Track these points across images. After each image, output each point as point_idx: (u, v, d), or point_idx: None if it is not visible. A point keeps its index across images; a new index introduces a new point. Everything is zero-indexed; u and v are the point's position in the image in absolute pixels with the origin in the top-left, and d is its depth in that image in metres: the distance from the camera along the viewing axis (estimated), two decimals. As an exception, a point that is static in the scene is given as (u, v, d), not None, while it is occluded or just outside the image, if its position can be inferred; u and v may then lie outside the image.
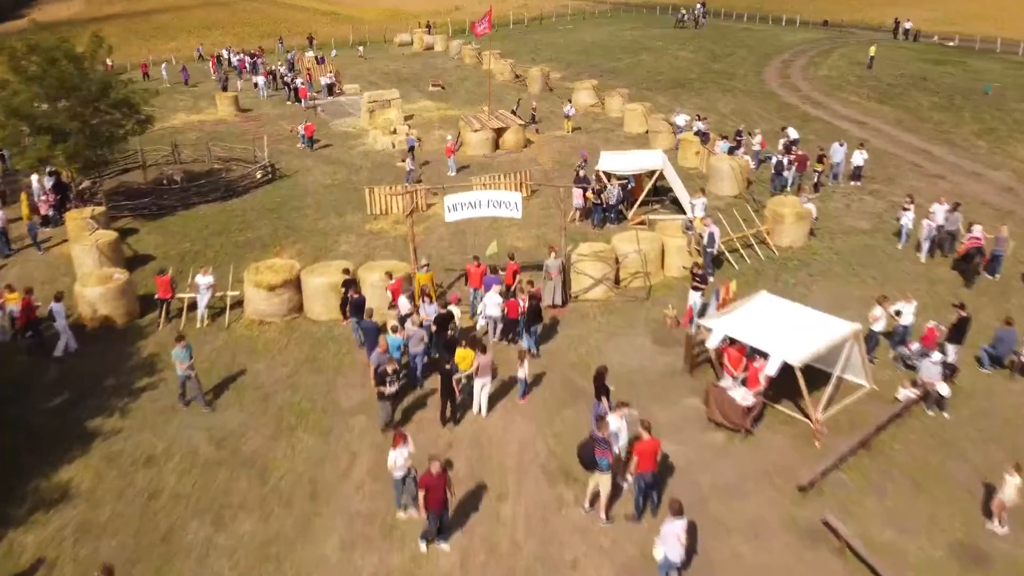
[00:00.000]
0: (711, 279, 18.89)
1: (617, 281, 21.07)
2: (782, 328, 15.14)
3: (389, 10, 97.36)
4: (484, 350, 15.40)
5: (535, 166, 32.98)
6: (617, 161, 26.41)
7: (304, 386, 17.34)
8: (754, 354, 14.95)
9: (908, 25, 63.96)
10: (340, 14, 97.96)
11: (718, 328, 15.59)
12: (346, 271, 19.25)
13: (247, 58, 58.88)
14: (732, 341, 15.45)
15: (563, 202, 22.78)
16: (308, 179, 32.52)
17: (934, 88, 43.97)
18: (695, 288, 18.44)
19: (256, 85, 49.56)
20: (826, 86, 46.14)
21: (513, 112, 38.49)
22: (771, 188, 28.15)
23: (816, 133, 35.42)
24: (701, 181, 29.60)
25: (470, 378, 15.50)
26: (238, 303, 20.95)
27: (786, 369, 14.56)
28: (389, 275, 19.10)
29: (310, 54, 58.73)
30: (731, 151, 29.62)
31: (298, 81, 47.61)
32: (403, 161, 33.58)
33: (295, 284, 20.22)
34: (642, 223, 25.56)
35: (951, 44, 59.68)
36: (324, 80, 48.40)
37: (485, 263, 19.52)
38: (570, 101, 38.86)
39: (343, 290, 18.94)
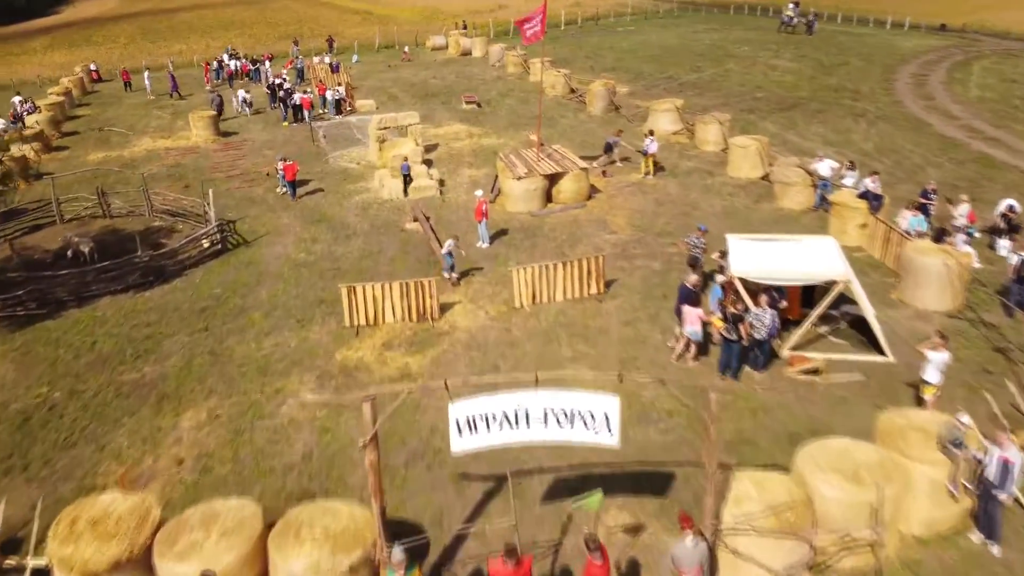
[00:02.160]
0: None
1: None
2: None
3: (427, 9, 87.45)
4: None
5: (606, 234, 22.28)
6: (763, 259, 15.48)
7: None
8: None
9: (1055, 29, 51.43)
10: (373, 13, 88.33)
11: None
12: (207, 576, 8.52)
13: (249, 64, 49.16)
14: None
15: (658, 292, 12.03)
16: (274, 250, 22.20)
17: None
18: None
19: (244, 102, 39.33)
20: (988, 112, 34.43)
21: (609, 150, 27.83)
22: (1010, 302, 16.91)
23: (1020, 190, 23.93)
24: (879, 275, 18.55)
25: None
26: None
27: None
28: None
29: (321, 60, 48.62)
30: (939, 236, 18.48)
31: (296, 96, 37.38)
32: (414, 221, 23.18)
33: (142, 564, 9.73)
34: (814, 371, 14.65)
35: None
36: (330, 95, 38.15)
37: (528, 555, 8.96)
38: (651, 133, 27.81)
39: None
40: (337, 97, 38.27)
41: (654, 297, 18.10)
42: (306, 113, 36.72)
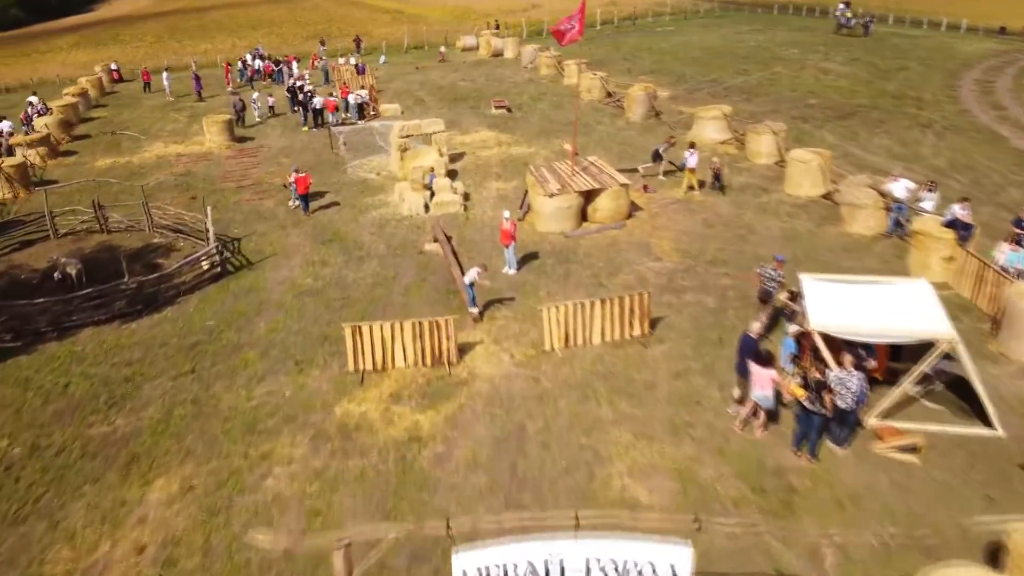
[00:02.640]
0: None
1: None
2: None
3: (459, 8, 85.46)
4: None
5: (649, 260, 19.74)
6: (847, 309, 12.86)
7: None
8: None
9: None
10: (404, 12, 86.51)
11: None
12: None
13: (272, 64, 47.25)
14: None
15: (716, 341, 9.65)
16: (279, 275, 20.00)
17: None
18: None
19: (256, 105, 37.17)
20: (1068, 121, 31.26)
21: (657, 158, 25.51)
22: None
23: None
24: (970, 320, 15.79)
25: None
26: None
27: None
28: None
29: (346, 60, 46.60)
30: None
31: (317, 100, 35.31)
32: (433, 242, 20.88)
33: None
34: (912, 448, 12.03)
35: None
36: (352, 98, 35.97)
37: None
38: (693, 145, 24.87)
39: None
40: (360, 101, 36.08)
41: (708, 342, 15.56)
42: (331, 116, 34.71)
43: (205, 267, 20.04)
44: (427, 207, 23.98)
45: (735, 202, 23.42)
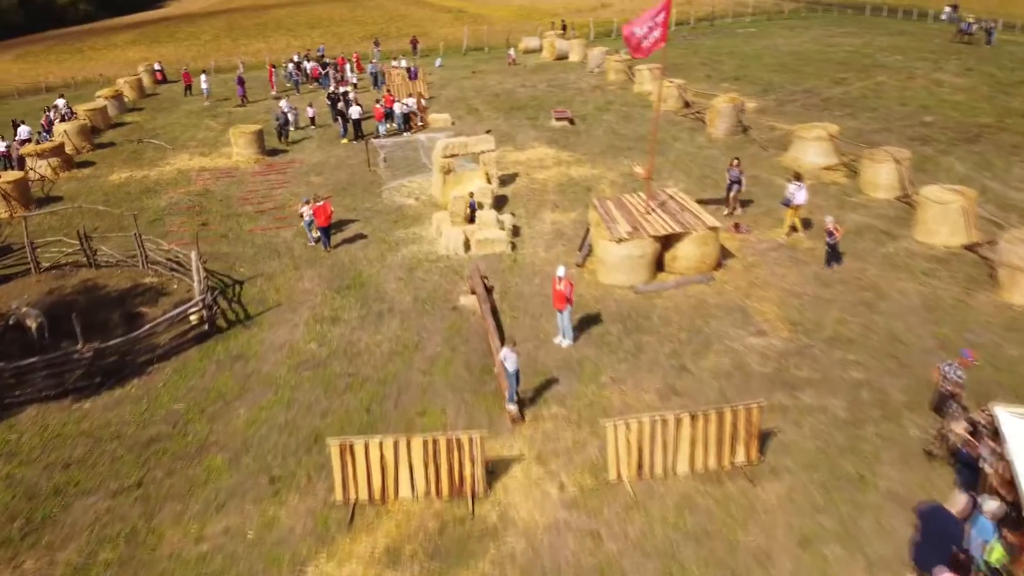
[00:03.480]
0: None
1: None
2: None
3: (524, 7, 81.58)
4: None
5: (749, 334, 15.17)
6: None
7: None
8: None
9: None
10: (467, 12, 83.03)
11: None
12: None
13: (319, 67, 43.91)
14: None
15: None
16: (277, 336, 16.14)
17: None
18: None
19: (292, 119, 33.00)
20: None
21: (737, 186, 21.04)
22: None
23: None
24: None
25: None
26: None
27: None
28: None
29: (398, 64, 42.98)
30: None
31: (354, 110, 31.59)
32: (471, 293, 16.79)
33: None
34: None
35: None
36: (398, 108, 32.13)
37: None
38: (799, 177, 19.96)
39: None
40: (406, 111, 32.22)
41: (843, 479, 11.00)
42: (380, 127, 31.13)
43: (194, 320, 16.34)
44: (467, 245, 19.89)
45: (853, 251, 18.59)
